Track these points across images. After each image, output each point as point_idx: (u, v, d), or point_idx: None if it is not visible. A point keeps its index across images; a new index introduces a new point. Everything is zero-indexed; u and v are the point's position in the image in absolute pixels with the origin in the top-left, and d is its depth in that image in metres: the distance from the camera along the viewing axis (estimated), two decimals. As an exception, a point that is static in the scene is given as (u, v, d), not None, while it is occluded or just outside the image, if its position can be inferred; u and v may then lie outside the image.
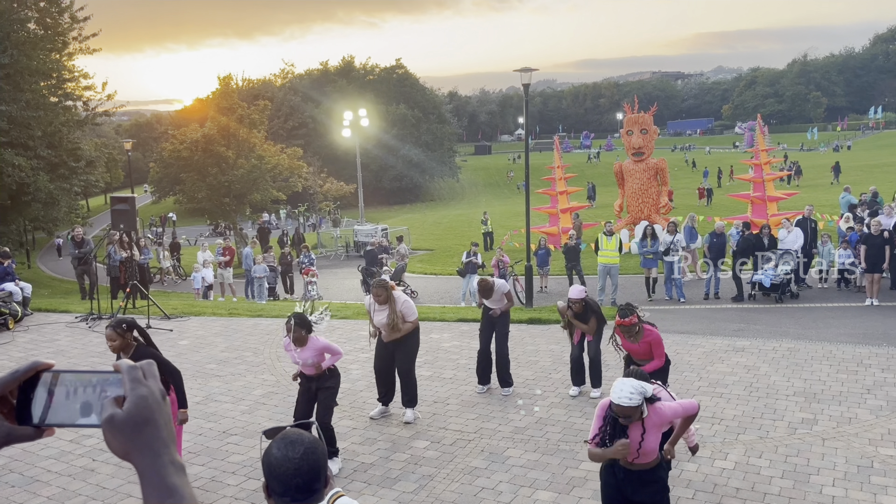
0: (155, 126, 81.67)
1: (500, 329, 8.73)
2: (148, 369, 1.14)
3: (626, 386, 4.05)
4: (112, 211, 12.93)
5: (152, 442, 1.07)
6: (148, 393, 1.09)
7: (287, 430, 2.29)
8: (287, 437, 2.21)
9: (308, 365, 6.45)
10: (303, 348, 6.40)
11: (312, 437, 2.23)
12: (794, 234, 15.27)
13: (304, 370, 6.54)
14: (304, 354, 6.43)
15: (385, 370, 7.86)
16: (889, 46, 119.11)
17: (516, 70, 15.67)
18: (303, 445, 2.16)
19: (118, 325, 5.67)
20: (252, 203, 32.76)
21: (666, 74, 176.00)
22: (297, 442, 2.17)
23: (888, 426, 7.18)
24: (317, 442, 2.21)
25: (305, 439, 2.19)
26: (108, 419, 1.06)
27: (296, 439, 2.19)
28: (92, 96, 26.49)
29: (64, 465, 6.77)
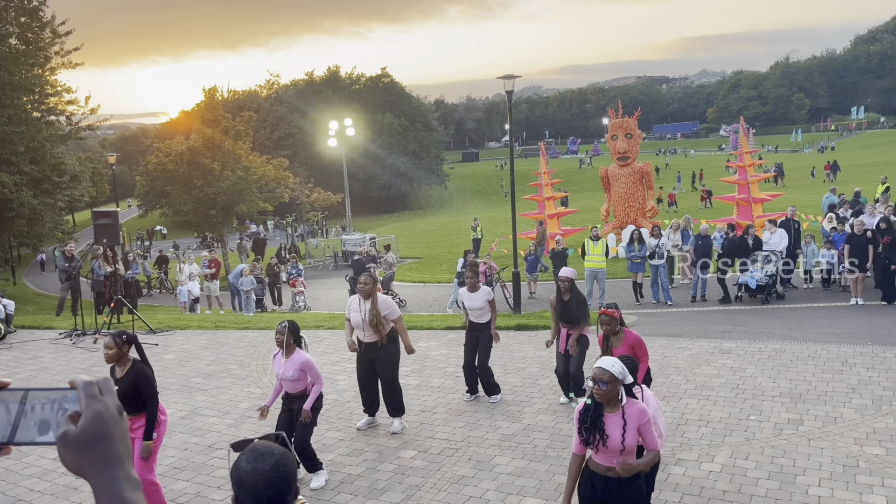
0: (140, 139, 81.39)
1: (483, 343, 8.61)
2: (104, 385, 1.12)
3: (609, 359, 4.22)
4: (95, 226, 12.84)
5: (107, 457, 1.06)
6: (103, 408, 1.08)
7: (256, 443, 2.22)
8: (256, 450, 2.15)
9: (287, 379, 6.35)
10: (286, 360, 6.31)
11: (282, 448, 2.17)
12: (779, 236, 15.36)
13: (284, 385, 6.45)
14: (285, 366, 6.32)
15: (368, 381, 7.76)
16: (870, 47, 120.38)
17: (500, 77, 15.71)
18: (273, 457, 2.10)
19: (118, 336, 5.71)
20: (239, 214, 32.64)
21: (651, 79, 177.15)
22: (267, 454, 2.11)
23: (873, 425, 7.21)
24: (287, 454, 2.15)
25: (275, 451, 2.13)
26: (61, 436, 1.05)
27: (265, 451, 2.13)
28: (75, 111, 26.40)
29: (47, 483, 6.69)
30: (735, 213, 23.51)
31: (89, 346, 12.05)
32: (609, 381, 4.07)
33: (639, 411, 4.14)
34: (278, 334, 6.31)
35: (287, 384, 6.40)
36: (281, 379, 6.41)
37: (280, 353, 6.36)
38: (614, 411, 4.12)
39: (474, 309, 8.65)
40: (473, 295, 8.69)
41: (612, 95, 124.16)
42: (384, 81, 77.58)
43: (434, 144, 75.80)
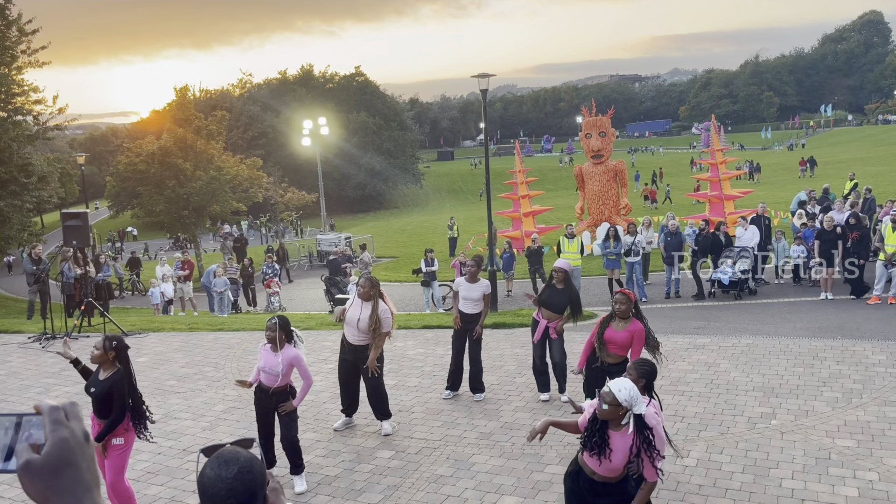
0: (110, 139, 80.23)
1: (473, 337, 8.60)
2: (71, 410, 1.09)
3: (625, 383, 4.09)
4: (64, 227, 12.62)
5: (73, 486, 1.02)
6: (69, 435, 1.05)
7: (222, 449, 2.11)
8: (221, 456, 2.05)
9: (271, 373, 6.22)
10: (275, 354, 6.20)
11: (249, 455, 2.09)
12: (750, 232, 15.57)
13: (264, 379, 6.31)
14: (272, 360, 6.20)
15: (349, 382, 7.68)
16: (837, 46, 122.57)
17: (474, 76, 15.72)
18: (237, 465, 2.01)
19: (107, 339, 5.65)
20: (212, 215, 32.28)
21: (624, 77, 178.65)
22: (232, 461, 2.03)
23: (844, 417, 7.33)
24: (253, 461, 2.07)
25: (241, 458, 2.05)
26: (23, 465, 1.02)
27: (230, 458, 2.04)
28: (42, 110, 25.89)
29: (18, 490, 6.56)
30: (707, 210, 23.79)
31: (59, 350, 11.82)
32: (611, 404, 4.01)
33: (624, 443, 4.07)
34: (269, 331, 6.22)
35: (269, 378, 6.26)
36: (264, 371, 6.27)
37: (268, 346, 6.28)
38: (619, 430, 4.05)
39: (470, 299, 8.63)
40: (472, 285, 8.68)
41: (585, 94, 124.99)
42: (358, 80, 77.27)
43: (409, 143, 75.68)
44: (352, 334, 7.46)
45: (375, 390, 7.53)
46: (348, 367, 7.59)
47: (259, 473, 2.04)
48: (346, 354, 7.59)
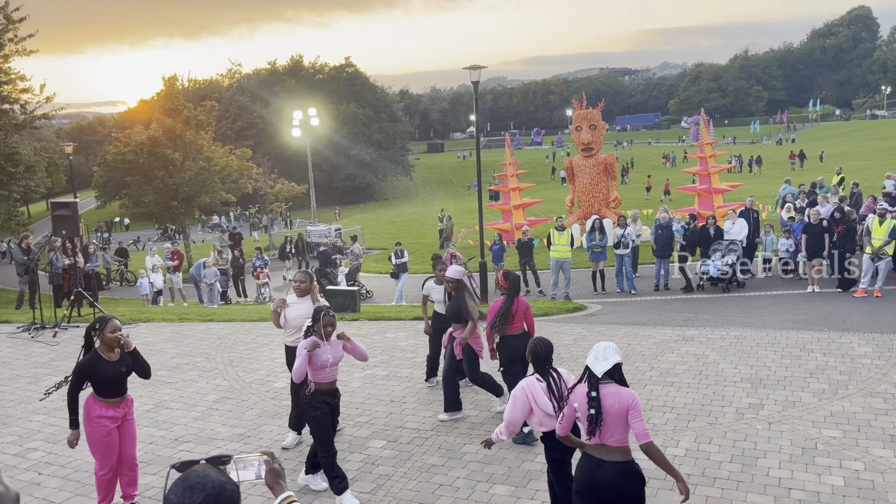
0: (98, 129, 79.54)
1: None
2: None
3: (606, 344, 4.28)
4: (53, 217, 12.53)
5: None
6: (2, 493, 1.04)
7: (190, 471, 1.92)
8: (187, 480, 1.87)
9: (333, 365, 5.87)
10: (332, 344, 5.86)
11: (219, 479, 1.90)
12: (739, 225, 15.68)
13: (326, 377, 5.84)
14: (336, 351, 5.88)
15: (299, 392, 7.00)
16: (826, 41, 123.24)
17: (466, 68, 15.72)
18: (203, 491, 1.84)
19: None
20: (201, 206, 32.15)
21: (614, 71, 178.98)
22: (198, 486, 1.85)
23: (830, 408, 7.43)
24: (223, 486, 1.88)
25: (209, 484, 1.86)
26: None
27: (196, 483, 1.85)
28: (30, 99, 25.63)
29: (9, 479, 6.53)
30: (696, 204, 23.93)
31: (48, 340, 11.79)
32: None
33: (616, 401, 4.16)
34: (329, 326, 5.83)
35: (331, 372, 5.88)
36: (326, 366, 5.82)
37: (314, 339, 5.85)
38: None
39: (441, 302, 8.51)
40: (440, 287, 8.58)
41: (575, 87, 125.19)
42: (348, 71, 77.06)
43: (399, 135, 75.59)
44: (289, 335, 7.07)
45: None
46: None
47: (230, 500, 1.88)
48: (288, 362, 7.10)
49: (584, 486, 4.24)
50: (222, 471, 1.96)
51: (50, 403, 8.61)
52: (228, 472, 2.05)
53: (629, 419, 4.11)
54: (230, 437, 7.38)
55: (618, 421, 4.12)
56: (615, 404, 4.11)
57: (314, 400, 5.80)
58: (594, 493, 4.19)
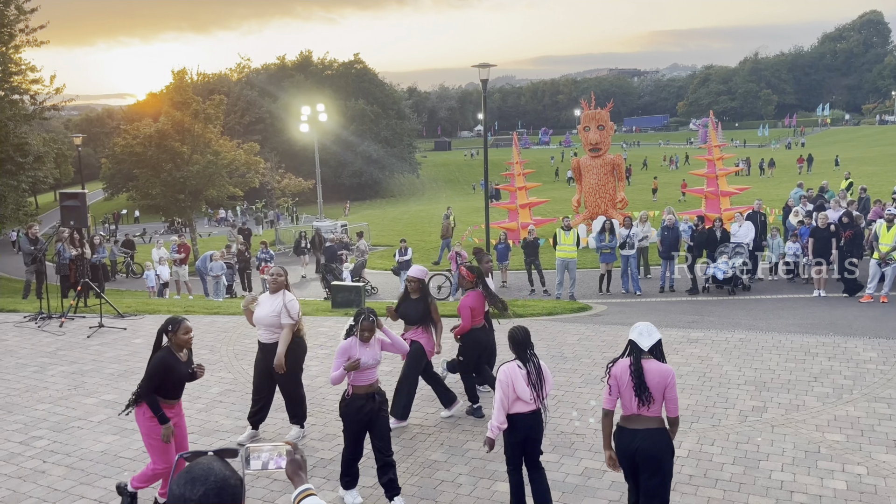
0: (106, 121, 79.79)
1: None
2: None
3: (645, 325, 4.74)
4: (61, 207, 12.59)
5: None
6: None
7: (194, 463, 1.88)
8: (191, 472, 1.83)
9: (371, 366, 5.69)
10: (370, 346, 5.70)
11: (223, 473, 1.85)
12: (746, 228, 15.64)
13: (365, 379, 5.67)
14: (374, 354, 5.71)
15: (263, 387, 7.03)
16: (836, 45, 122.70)
17: (475, 66, 15.72)
18: (204, 485, 1.81)
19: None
20: (208, 199, 32.25)
21: (623, 71, 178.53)
22: (200, 479, 1.82)
23: (834, 413, 7.42)
24: (226, 480, 1.84)
25: (211, 477, 1.83)
26: None
27: (199, 476, 1.82)
28: (40, 90, 25.78)
29: (14, 466, 6.60)
30: (703, 206, 23.89)
31: (55, 330, 11.85)
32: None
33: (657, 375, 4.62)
34: (367, 331, 5.66)
35: (370, 374, 5.71)
36: (365, 367, 5.64)
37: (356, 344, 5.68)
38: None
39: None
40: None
41: (584, 87, 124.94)
42: (357, 68, 77.08)
43: (406, 132, 75.64)
44: (262, 332, 6.90)
45: (291, 395, 7.01)
46: (262, 367, 6.95)
47: (232, 495, 1.85)
48: (260, 354, 7.00)
49: (623, 459, 4.68)
50: (228, 464, 1.91)
51: (55, 392, 8.66)
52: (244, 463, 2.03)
53: (666, 392, 4.55)
54: (234, 430, 7.41)
55: (657, 394, 4.53)
56: (656, 377, 4.53)
57: (352, 404, 5.66)
58: (632, 462, 4.61)
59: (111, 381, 9.05)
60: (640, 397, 4.48)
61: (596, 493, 5.88)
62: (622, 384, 4.58)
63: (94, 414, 7.91)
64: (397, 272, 18.31)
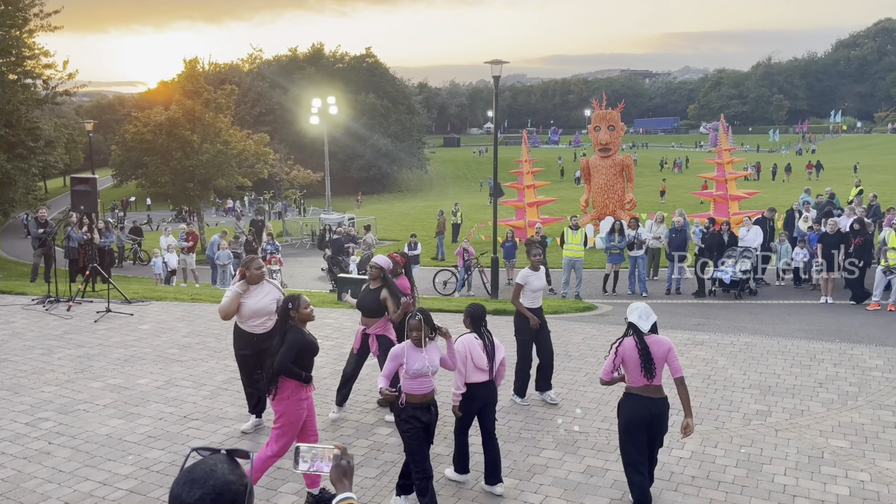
0: (117, 108, 79.94)
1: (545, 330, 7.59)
2: None
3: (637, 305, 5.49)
4: (72, 192, 12.64)
5: None
6: None
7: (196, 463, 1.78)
8: (192, 473, 1.73)
9: (425, 376, 5.28)
10: (427, 351, 5.28)
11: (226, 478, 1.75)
12: (753, 232, 15.60)
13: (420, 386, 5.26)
14: (432, 359, 5.30)
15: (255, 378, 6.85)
16: (850, 52, 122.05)
17: (487, 62, 15.69)
18: (202, 489, 1.71)
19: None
20: (217, 189, 32.31)
21: (634, 73, 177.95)
22: (199, 482, 1.72)
23: (839, 419, 7.41)
24: (228, 485, 1.74)
25: (211, 481, 1.72)
26: None
27: (199, 478, 1.72)
28: (52, 75, 25.84)
29: (19, 447, 6.64)
30: (712, 210, 23.82)
31: (62, 314, 11.91)
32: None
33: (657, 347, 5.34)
34: (414, 331, 5.26)
35: (426, 382, 5.31)
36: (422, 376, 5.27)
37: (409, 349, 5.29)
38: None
39: (538, 290, 7.84)
40: (538, 274, 7.93)
41: (595, 87, 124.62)
42: (368, 62, 77.04)
43: (416, 128, 75.58)
44: (255, 324, 6.79)
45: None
46: (252, 361, 6.84)
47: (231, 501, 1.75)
48: (245, 349, 6.87)
49: (640, 423, 5.28)
50: (237, 466, 1.80)
51: (61, 375, 8.71)
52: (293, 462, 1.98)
53: (668, 359, 5.27)
54: (238, 417, 7.44)
55: (660, 364, 5.25)
56: (658, 350, 5.24)
57: (405, 414, 5.24)
58: (648, 426, 5.30)
59: (117, 366, 9.10)
60: (648, 371, 5.18)
61: (598, 492, 5.89)
62: (630, 361, 5.24)
63: (100, 397, 7.95)
64: None
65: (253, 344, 6.81)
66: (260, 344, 6.80)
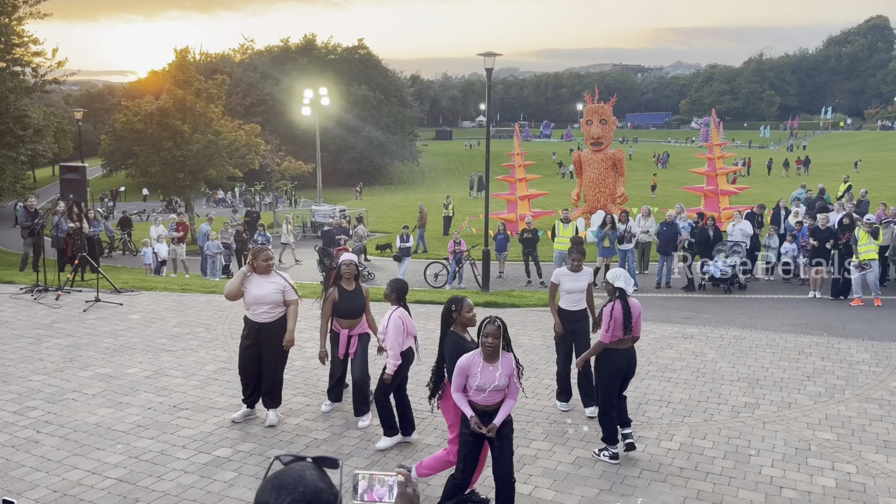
0: (107, 97, 79.28)
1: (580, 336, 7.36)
2: None
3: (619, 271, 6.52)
4: (61, 180, 12.55)
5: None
6: None
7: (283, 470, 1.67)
8: (280, 479, 1.63)
9: (498, 388, 4.89)
10: (492, 364, 4.86)
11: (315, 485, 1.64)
12: (743, 227, 15.67)
13: (485, 399, 4.91)
14: (492, 374, 4.85)
15: (252, 369, 6.97)
16: (842, 49, 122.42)
17: (480, 54, 15.66)
18: (291, 495, 1.60)
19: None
20: (207, 179, 32.17)
21: (626, 67, 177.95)
22: (287, 488, 1.61)
23: (826, 411, 7.47)
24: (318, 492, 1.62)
25: (300, 487, 1.61)
26: None
27: (287, 483, 1.61)
28: (42, 63, 25.64)
29: (7, 436, 6.61)
30: (702, 204, 23.91)
31: (51, 303, 11.84)
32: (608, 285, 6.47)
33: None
34: (493, 338, 4.82)
35: (492, 396, 4.93)
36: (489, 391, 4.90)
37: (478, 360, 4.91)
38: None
39: (574, 292, 7.42)
40: (576, 275, 7.46)
41: (587, 81, 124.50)
42: (360, 53, 76.74)
43: (408, 120, 75.37)
44: (261, 312, 6.77)
45: (275, 371, 6.96)
46: (252, 352, 6.88)
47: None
48: (248, 338, 6.87)
49: (619, 372, 6.31)
50: (324, 475, 1.68)
51: (50, 364, 8.66)
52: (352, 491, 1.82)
53: (639, 320, 6.36)
54: (228, 407, 7.43)
55: (636, 322, 6.31)
56: (635, 311, 6.29)
57: (466, 422, 5.00)
58: (628, 370, 6.38)
59: (107, 355, 9.06)
60: (628, 328, 6.18)
61: (587, 482, 5.92)
62: (615, 320, 6.15)
63: (89, 387, 7.92)
64: (399, 258, 18.37)
65: (254, 332, 6.83)
66: (261, 334, 6.80)
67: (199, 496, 5.57)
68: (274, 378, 6.99)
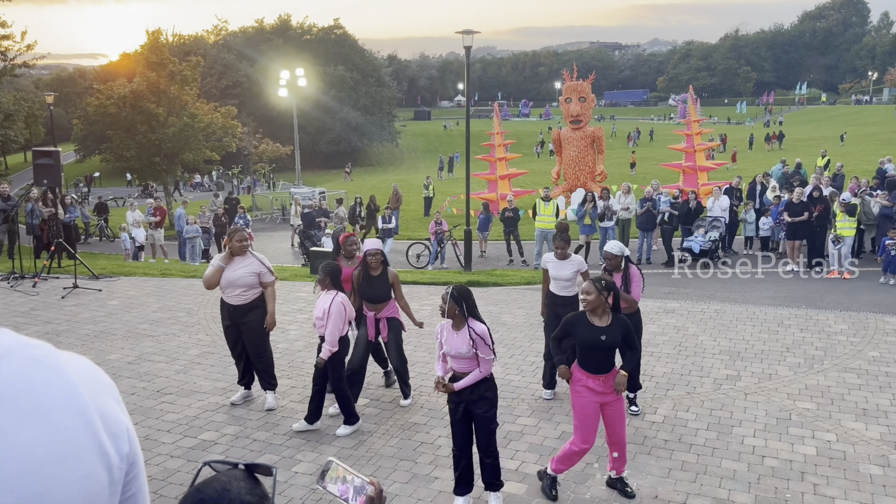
0: (78, 81, 77.75)
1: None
2: None
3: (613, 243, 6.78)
4: (35, 165, 12.30)
5: None
6: None
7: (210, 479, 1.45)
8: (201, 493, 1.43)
9: (462, 356, 4.97)
10: (458, 332, 5.00)
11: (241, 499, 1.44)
12: (722, 202, 15.80)
13: (458, 365, 5.03)
14: (457, 342, 4.97)
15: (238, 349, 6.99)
16: (816, 24, 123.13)
17: (458, 32, 15.55)
18: None
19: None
20: (184, 163, 31.75)
21: (604, 45, 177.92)
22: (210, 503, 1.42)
23: (805, 382, 7.59)
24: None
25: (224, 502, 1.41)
26: None
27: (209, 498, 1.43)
28: (10, 46, 25.08)
29: None
30: (681, 181, 24.05)
31: (28, 290, 11.67)
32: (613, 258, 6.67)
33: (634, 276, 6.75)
34: (442, 301, 5.07)
35: (460, 363, 5.03)
36: (451, 362, 5.10)
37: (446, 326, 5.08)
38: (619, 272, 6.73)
39: (559, 279, 7.30)
40: (560, 263, 7.30)
41: (565, 59, 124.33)
42: (336, 33, 75.87)
43: (386, 100, 74.78)
44: (235, 295, 6.76)
45: (260, 356, 6.94)
46: (233, 331, 6.91)
47: None
48: (226, 320, 6.92)
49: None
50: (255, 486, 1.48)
51: (30, 352, 8.54)
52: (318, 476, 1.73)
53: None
54: (212, 391, 7.39)
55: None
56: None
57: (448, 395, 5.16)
58: None
59: (87, 342, 8.96)
60: (626, 290, 6.56)
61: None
62: (639, 279, 6.73)
63: (70, 374, 7.82)
64: (382, 239, 18.29)
65: (230, 315, 6.84)
66: (237, 316, 6.79)
67: (185, 480, 5.55)
68: (260, 360, 6.95)
